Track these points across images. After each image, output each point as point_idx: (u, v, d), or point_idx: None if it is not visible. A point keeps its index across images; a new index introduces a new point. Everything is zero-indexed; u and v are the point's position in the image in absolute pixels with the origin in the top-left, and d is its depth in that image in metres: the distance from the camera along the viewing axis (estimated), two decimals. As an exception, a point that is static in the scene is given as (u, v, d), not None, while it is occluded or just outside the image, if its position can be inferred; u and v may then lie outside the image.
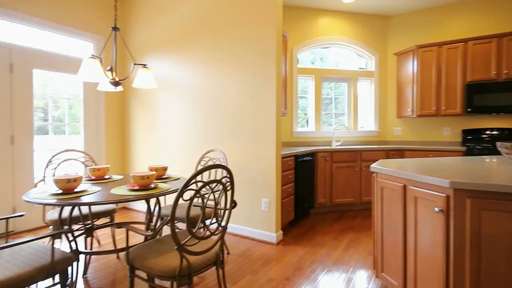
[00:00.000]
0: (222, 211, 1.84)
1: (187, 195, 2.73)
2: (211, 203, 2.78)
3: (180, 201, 2.83)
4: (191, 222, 2.34)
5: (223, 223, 1.71)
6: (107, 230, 3.34)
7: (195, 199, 2.88)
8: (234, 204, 2.07)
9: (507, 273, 1.38)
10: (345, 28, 4.77)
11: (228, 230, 3.26)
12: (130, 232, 3.10)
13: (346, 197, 4.10)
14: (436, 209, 1.55)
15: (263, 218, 3.04)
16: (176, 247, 1.45)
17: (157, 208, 2.92)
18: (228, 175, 1.72)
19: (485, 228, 1.42)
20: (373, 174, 2.11)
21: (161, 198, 3.91)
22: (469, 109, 3.98)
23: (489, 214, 1.41)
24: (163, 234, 3.00)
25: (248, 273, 2.33)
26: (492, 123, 4.18)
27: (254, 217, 3.10)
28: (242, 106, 3.18)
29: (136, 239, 3.06)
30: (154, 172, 2.01)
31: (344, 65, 4.99)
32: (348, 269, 2.40)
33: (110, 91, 4.20)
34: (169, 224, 1.63)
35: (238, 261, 2.55)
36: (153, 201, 4.01)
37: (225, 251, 2.73)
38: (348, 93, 4.93)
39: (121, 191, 1.89)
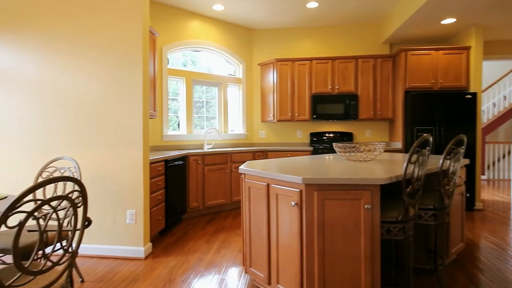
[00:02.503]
0: (71, 233, 1.51)
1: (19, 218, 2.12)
2: (56, 223, 2.26)
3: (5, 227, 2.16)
4: (21, 253, 1.82)
5: (72, 247, 1.40)
6: None
7: (33, 222, 2.27)
8: (88, 222, 1.74)
9: (343, 249, 1.71)
10: (215, 34, 4.91)
11: (83, 252, 2.74)
12: None
13: (217, 198, 4.20)
14: (293, 203, 1.76)
15: (129, 232, 2.72)
16: (-6, 293, 1.07)
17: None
18: (79, 189, 1.42)
19: (327, 215, 1.72)
20: (242, 175, 2.23)
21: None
22: (314, 116, 4.83)
23: (330, 202, 1.72)
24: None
25: (109, 299, 2.01)
26: (329, 127, 5.23)
27: (117, 233, 2.73)
28: (101, 106, 2.75)
29: None
30: (-42, 192, 1.44)
31: (215, 70, 5.13)
32: (221, 270, 2.44)
33: None
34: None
35: (96, 287, 2.17)
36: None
37: (79, 279, 2.27)
38: (218, 97, 5.09)
39: None
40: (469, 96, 4.18)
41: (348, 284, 1.71)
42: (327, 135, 5.12)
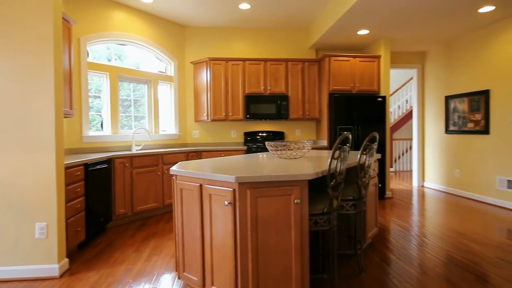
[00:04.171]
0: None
1: None
2: None
3: None
4: None
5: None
6: None
7: None
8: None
9: (275, 244, 1.77)
10: (144, 28, 4.59)
11: (-22, 277, 2.28)
12: None
13: (148, 203, 3.95)
14: (226, 202, 1.75)
15: (39, 248, 2.35)
16: None
17: None
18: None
19: (260, 212, 1.75)
20: (173, 177, 2.13)
21: None
22: (248, 116, 4.91)
23: (262, 200, 1.76)
24: None
25: (13, 330, 1.71)
26: (262, 127, 5.38)
27: (24, 250, 2.34)
28: (0, 105, 2.32)
29: None
30: None
31: (144, 67, 4.80)
32: (152, 279, 2.29)
33: None
34: None
35: (-5, 318, 1.82)
36: None
37: (-30, 311, 1.87)
38: (148, 95, 4.78)
39: None
40: (380, 99, 4.77)
41: (280, 277, 1.78)
42: (260, 134, 5.26)
